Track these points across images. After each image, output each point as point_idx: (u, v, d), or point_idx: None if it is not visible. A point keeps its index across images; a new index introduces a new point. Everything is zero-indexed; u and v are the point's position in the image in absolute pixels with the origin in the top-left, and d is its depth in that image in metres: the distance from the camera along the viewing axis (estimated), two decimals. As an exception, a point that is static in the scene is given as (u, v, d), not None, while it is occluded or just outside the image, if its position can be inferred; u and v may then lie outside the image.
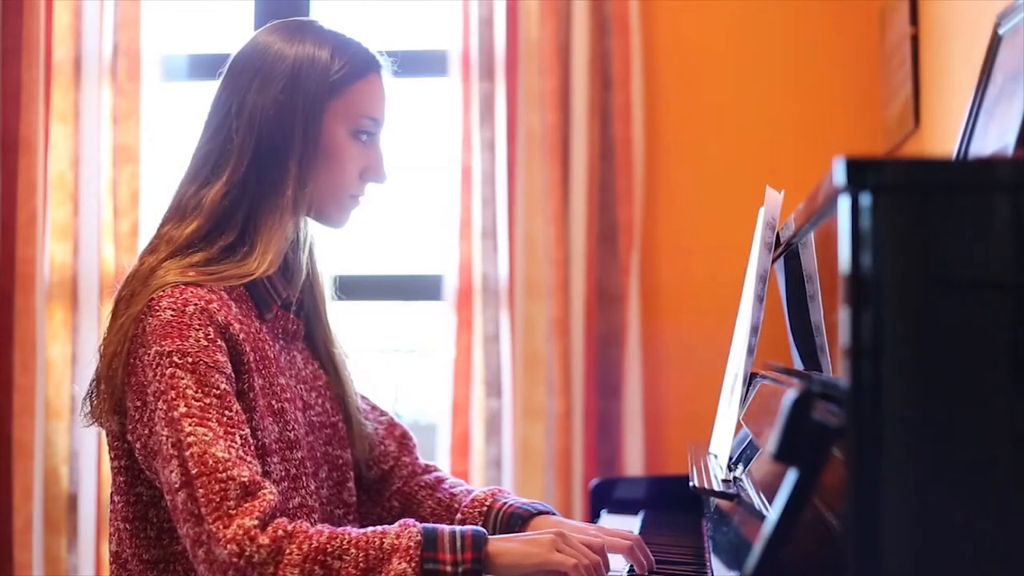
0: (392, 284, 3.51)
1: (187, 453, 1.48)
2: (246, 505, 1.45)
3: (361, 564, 1.45)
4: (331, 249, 1.89)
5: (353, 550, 1.45)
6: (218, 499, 1.45)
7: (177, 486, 1.48)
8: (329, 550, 1.45)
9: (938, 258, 0.88)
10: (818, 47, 3.17)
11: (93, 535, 3.22)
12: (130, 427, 1.59)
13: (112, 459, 1.66)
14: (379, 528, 1.50)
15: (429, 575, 1.45)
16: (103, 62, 3.28)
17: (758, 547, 1.05)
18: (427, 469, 1.97)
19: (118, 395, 1.60)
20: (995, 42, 1.50)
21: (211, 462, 1.47)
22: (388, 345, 3.86)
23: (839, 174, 0.89)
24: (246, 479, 1.47)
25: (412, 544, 1.46)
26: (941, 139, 2.41)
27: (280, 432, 1.65)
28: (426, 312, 3.52)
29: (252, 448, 1.54)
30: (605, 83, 3.17)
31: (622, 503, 2.33)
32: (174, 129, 3.33)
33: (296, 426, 1.69)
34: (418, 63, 3.38)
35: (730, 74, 3.22)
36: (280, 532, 1.44)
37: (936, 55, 2.49)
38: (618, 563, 1.68)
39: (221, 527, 1.44)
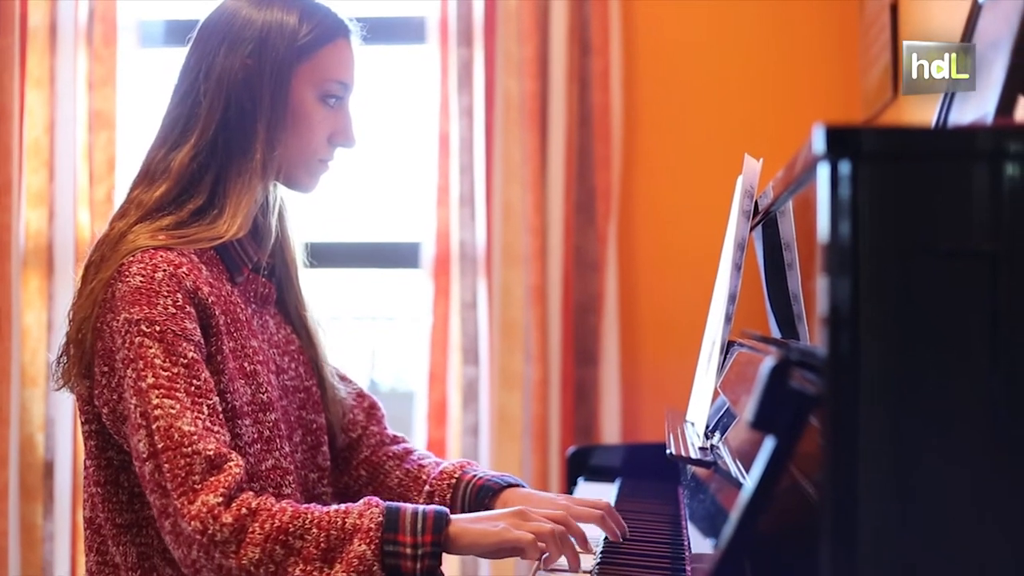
0: (369, 251, 3.50)
1: (154, 426, 1.49)
2: (211, 480, 1.46)
3: (322, 544, 1.45)
4: (307, 215, 1.88)
5: (315, 530, 1.46)
6: (183, 474, 1.46)
7: (145, 456, 1.49)
8: (291, 529, 1.46)
9: (916, 226, 0.88)
10: (797, 15, 3.16)
11: (69, 502, 3.21)
12: (97, 392, 1.59)
13: (83, 423, 1.66)
14: (343, 507, 1.51)
15: (388, 557, 1.46)
16: (79, 27, 3.25)
17: (735, 515, 1.05)
18: (395, 440, 1.96)
19: (87, 359, 1.60)
20: (975, 11, 1.49)
21: (177, 436, 1.48)
22: (365, 313, 3.85)
23: (818, 142, 0.88)
24: (212, 452, 1.48)
25: (373, 526, 1.47)
26: (920, 108, 2.40)
27: (253, 394, 1.65)
28: (403, 279, 3.51)
29: (221, 417, 1.55)
30: (583, 50, 3.16)
31: (599, 471, 2.33)
32: (150, 95, 3.31)
33: (269, 388, 1.69)
34: (396, 30, 3.36)
35: (709, 41, 3.21)
36: (244, 510, 1.45)
37: (915, 24, 2.49)
38: (594, 532, 1.68)
39: (186, 503, 1.45)
